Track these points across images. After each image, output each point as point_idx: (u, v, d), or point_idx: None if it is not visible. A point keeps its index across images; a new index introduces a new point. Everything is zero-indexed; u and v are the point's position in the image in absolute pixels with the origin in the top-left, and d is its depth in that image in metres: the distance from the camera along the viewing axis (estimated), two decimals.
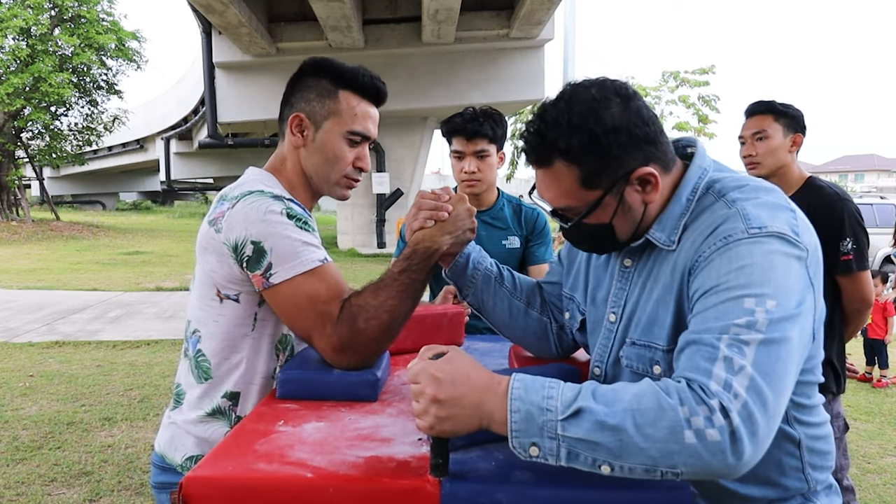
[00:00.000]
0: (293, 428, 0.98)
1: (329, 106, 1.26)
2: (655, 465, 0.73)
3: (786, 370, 0.78)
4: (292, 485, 0.81)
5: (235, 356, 1.19)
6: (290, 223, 1.13)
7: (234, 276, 1.15)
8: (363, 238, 15.50)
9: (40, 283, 9.46)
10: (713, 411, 0.72)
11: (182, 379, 1.25)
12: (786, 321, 0.79)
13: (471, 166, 1.98)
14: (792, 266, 0.84)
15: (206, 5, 9.92)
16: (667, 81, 21.27)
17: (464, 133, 1.97)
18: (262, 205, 1.13)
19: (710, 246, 0.88)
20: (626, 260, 1.02)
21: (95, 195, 40.27)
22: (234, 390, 1.19)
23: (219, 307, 1.18)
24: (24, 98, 17.71)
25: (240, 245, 1.11)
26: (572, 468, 0.78)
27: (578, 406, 0.74)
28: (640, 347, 0.96)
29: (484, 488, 0.80)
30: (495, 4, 12.23)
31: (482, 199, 2.11)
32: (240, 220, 1.12)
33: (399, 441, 0.94)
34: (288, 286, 1.11)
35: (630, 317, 0.99)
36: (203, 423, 1.20)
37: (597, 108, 0.90)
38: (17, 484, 2.98)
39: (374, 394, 1.12)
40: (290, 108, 1.29)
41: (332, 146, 1.26)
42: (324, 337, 1.11)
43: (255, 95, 13.53)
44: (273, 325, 1.21)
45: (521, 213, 2.15)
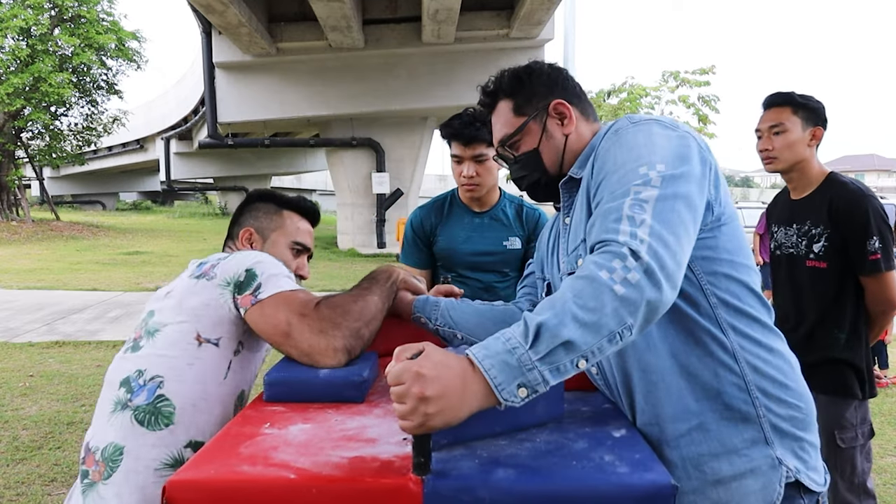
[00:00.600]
0: (279, 430, 0.99)
1: (275, 221, 1.50)
2: (613, 330, 0.83)
3: (682, 220, 0.92)
4: (275, 486, 0.82)
5: (203, 403, 1.20)
6: (280, 265, 1.28)
7: (220, 318, 1.23)
8: (363, 238, 15.51)
9: (40, 283, 9.47)
10: (625, 258, 0.86)
11: (115, 436, 1.16)
12: (676, 179, 0.95)
13: (469, 171, 1.99)
14: (672, 139, 1.01)
15: (206, 5, 9.94)
16: (667, 81, 21.25)
17: (462, 138, 1.98)
18: (259, 253, 1.31)
19: (603, 141, 1.07)
20: (566, 219, 1.19)
21: (95, 195, 40.28)
22: (197, 440, 1.18)
23: (195, 351, 1.21)
24: (24, 98, 17.72)
25: (235, 274, 1.23)
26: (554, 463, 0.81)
27: (534, 326, 0.82)
28: (572, 254, 1.11)
29: (466, 486, 0.82)
30: (495, 4, 12.23)
31: (483, 200, 2.12)
32: (238, 260, 1.26)
33: (384, 441, 0.95)
34: (273, 298, 1.21)
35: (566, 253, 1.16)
36: (159, 479, 1.13)
37: (530, 65, 1.23)
38: (17, 484, 2.99)
39: (361, 395, 1.13)
40: (240, 225, 1.50)
41: (279, 256, 1.42)
42: (303, 322, 1.18)
43: (255, 95, 13.54)
44: (240, 378, 1.28)
45: (523, 212, 2.15)
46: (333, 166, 15.57)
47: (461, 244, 2.10)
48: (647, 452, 0.91)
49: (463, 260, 2.10)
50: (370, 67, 13.11)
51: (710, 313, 1.02)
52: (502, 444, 0.93)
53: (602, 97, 22.48)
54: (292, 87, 13.58)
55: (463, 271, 2.11)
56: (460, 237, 2.11)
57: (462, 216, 2.14)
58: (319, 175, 46.38)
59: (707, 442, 1.01)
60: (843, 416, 2.05)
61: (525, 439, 0.95)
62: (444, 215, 2.17)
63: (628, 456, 0.89)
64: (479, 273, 2.10)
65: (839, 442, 2.07)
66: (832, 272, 2.01)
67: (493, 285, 2.10)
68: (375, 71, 13.16)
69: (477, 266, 2.10)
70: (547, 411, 1.01)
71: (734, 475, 1.00)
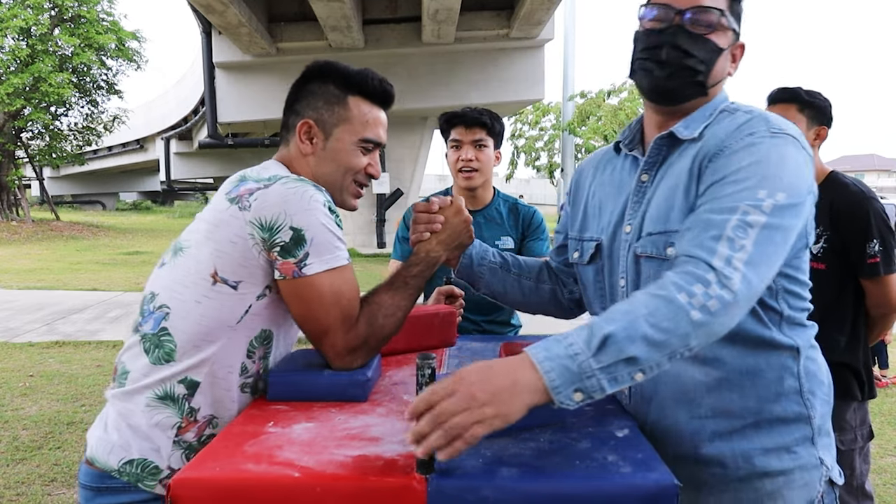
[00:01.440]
0: (282, 429, 0.99)
1: (339, 113, 1.23)
2: (675, 349, 0.83)
3: (777, 251, 0.90)
4: (280, 485, 0.82)
5: (207, 346, 1.10)
6: (331, 217, 1.11)
7: (246, 259, 1.08)
8: (363, 238, 15.50)
9: (40, 283, 9.47)
10: (709, 284, 0.84)
11: (127, 358, 1.14)
12: (788, 210, 0.92)
13: (468, 154, 1.97)
14: (801, 165, 0.97)
15: (206, 5, 9.93)
16: None
17: (463, 121, 1.97)
18: (306, 192, 1.09)
19: (734, 139, 0.99)
20: (643, 175, 1.10)
21: (95, 195, 40.29)
22: (194, 378, 1.10)
23: (207, 289, 1.09)
24: (24, 98, 17.73)
25: (276, 227, 1.05)
26: (557, 463, 0.81)
27: (601, 336, 0.82)
28: (655, 236, 1.04)
29: (470, 485, 0.82)
30: (495, 4, 12.22)
31: (478, 197, 2.08)
32: (278, 202, 1.06)
33: (387, 440, 0.95)
34: (318, 279, 1.08)
35: (643, 220, 1.07)
36: (149, 410, 1.09)
37: None
38: (17, 484, 2.99)
39: (365, 394, 1.13)
40: (297, 115, 1.25)
41: (345, 154, 1.23)
42: (342, 334, 1.11)
43: (255, 95, 13.53)
44: (261, 322, 1.13)
45: (518, 212, 2.13)
46: None
47: None
48: (650, 452, 0.91)
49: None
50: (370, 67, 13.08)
51: (781, 320, 1.04)
52: (506, 444, 0.93)
53: (602, 97, 22.47)
54: None
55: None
56: None
57: None
58: None
59: (760, 438, 1.03)
60: (843, 418, 2.05)
61: (529, 439, 0.95)
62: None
63: (632, 456, 0.89)
64: None
65: (838, 444, 2.07)
66: (831, 274, 2.00)
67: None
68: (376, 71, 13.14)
69: None
70: (550, 411, 1.01)
71: (782, 470, 1.03)
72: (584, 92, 23.21)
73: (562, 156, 23.00)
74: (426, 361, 0.86)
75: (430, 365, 0.85)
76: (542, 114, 26.86)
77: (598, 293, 1.19)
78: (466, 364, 0.85)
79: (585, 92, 23.21)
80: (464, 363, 1.39)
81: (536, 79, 13.51)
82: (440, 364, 1.39)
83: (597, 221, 1.19)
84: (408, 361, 1.40)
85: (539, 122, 27.38)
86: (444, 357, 1.45)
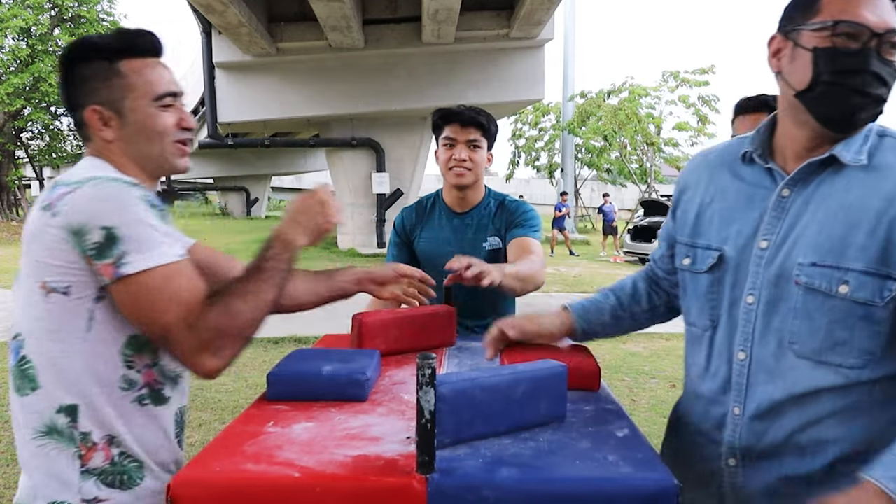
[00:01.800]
0: (282, 429, 0.99)
1: (118, 84, 1.11)
2: None
3: None
4: (280, 485, 0.82)
5: (66, 360, 1.02)
6: (150, 211, 1.02)
7: (67, 262, 1.00)
8: (363, 238, 15.50)
9: None
10: None
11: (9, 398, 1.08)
12: None
13: (462, 154, 1.90)
14: None
15: (206, 5, 9.93)
16: (667, 81, 21.26)
17: (459, 119, 1.91)
18: (117, 188, 1.01)
19: None
20: (784, 191, 1.03)
21: None
22: (67, 403, 1.02)
23: (44, 302, 1.01)
24: (24, 98, 17.73)
25: (85, 230, 0.97)
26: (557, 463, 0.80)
27: None
28: (825, 268, 0.96)
29: (470, 484, 0.82)
30: (495, 4, 12.23)
31: (468, 198, 2.00)
32: (86, 202, 0.98)
33: (388, 440, 0.95)
34: (143, 278, 0.97)
35: (784, 240, 1.01)
36: (41, 449, 1.02)
37: None
38: (17, 484, 2.99)
39: (364, 393, 1.13)
40: (80, 107, 1.12)
41: (149, 121, 1.12)
42: (185, 333, 0.98)
43: (255, 95, 13.53)
44: (118, 327, 1.04)
45: (505, 206, 2.03)
46: (333, 166, 15.57)
47: (439, 247, 1.98)
48: (650, 452, 0.91)
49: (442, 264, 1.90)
50: (370, 67, 13.10)
51: None
52: (506, 444, 0.93)
53: (602, 97, 22.49)
54: (292, 87, 13.57)
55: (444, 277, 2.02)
56: (440, 239, 2.00)
57: (442, 218, 2.03)
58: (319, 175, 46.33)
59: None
60: None
61: (529, 439, 0.95)
62: (425, 216, 2.06)
63: (632, 456, 0.89)
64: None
65: None
66: None
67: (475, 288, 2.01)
68: (375, 71, 13.16)
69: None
70: (550, 411, 1.01)
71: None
72: (584, 92, 23.24)
73: (562, 156, 23.04)
74: (426, 361, 0.86)
75: (430, 365, 0.85)
76: (541, 114, 26.89)
77: (707, 303, 1.11)
78: (466, 364, 0.85)
79: (585, 92, 23.24)
80: (464, 363, 1.39)
81: (536, 79, 13.51)
82: (440, 364, 1.39)
83: (717, 230, 1.11)
84: (408, 361, 1.40)
85: (539, 123, 27.39)
86: (443, 357, 1.45)
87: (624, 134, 20.87)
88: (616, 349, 5.87)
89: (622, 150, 22.60)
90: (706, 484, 1.10)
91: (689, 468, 1.11)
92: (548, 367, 1.03)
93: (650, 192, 21.34)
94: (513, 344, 1.29)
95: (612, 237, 16.99)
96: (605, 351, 5.76)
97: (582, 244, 19.28)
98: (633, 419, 1.06)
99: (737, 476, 1.05)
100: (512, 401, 0.96)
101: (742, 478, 1.05)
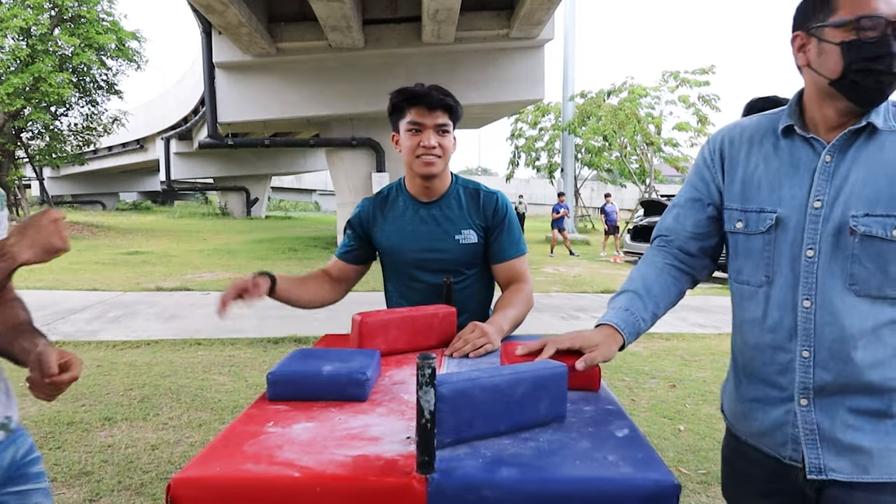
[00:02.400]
0: (282, 429, 0.99)
1: None
2: None
3: None
4: (280, 485, 0.82)
5: None
6: None
7: None
8: None
9: (40, 283, 9.47)
10: None
11: None
12: None
13: (431, 140, 1.72)
14: None
15: (206, 5, 9.94)
16: (667, 81, 21.27)
17: (426, 102, 1.72)
18: None
19: None
20: (826, 157, 1.16)
21: (95, 195, 40.31)
22: None
23: None
24: (24, 98, 17.71)
25: None
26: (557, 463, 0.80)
27: None
28: (878, 217, 1.10)
29: (470, 484, 0.82)
30: (495, 4, 12.23)
31: (433, 188, 1.82)
32: None
33: (388, 440, 0.95)
34: None
35: (836, 198, 1.14)
36: None
37: None
38: None
39: (364, 393, 1.13)
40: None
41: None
42: None
43: (255, 95, 13.54)
44: None
45: (479, 198, 1.85)
46: (333, 166, 15.57)
47: (405, 241, 1.83)
48: (650, 452, 0.91)
49: (410, 259, 1.84)
50: (370, 67, 13.11)
51: None
52: (506, 444, 0.93)
53: (602, 97, 22.49)
54: (292, 87, 13.58)
55: (413, 271, 1.84)
56: (404, 232, 1.83)
57: (405, 209, 1.85)
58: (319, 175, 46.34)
59: None
60: None
61: (529, 439, 0.95)
62: (388, 208, 1.88)
63: (632, 455, 0.89)
64: (426, 273, 1.82)
65: None
66: None
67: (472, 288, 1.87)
68: (375, 71, 13.16)
69: (426, 266, 1.82)
70: (550, 411, 1.01)
71: None
72: (584, 92, 23.23)
73: (562, 156, 23.03)
74: (426, 361, 0.86)
75: (430, 365, 0.85)
76: (541, 114, 26.88)
77: (762, 260, 1.22)
78: (466, 364, 0.85)
79: (585, 92, 23.24)
80: (464, 363, 1.39)
81: (536, 79, 13.51)
82: (440, 364, 1.39)
83: (766, 195, 1.23)
84: (408, 361, 1.40)
85: (539, 123, 27.39)
86: (443, 357, 1.45)
87: (624, 134, 20.87)
88: None
89: (622, 150, 22.60)
90: (778, 427, 1.19)
91: (756, 419, 1.23)
92: (548, 367, 1.04)
93: (650, 192, 21.34)
94: (513, 343, 1.30)
95: (612, 237, 17.04)
96: None
97: (582, 244, 19.29)
98: (633, 419, 1.07)
99: (809, 415, 1.14)
100: (512, 401, 0.96)
101: (814, 416, 1.14)
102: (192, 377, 4.73)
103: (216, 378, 4.71)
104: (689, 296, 1.48)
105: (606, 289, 9.72)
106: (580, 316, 7.57)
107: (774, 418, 1.19)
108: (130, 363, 5.19)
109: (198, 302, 7.94)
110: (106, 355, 5.44)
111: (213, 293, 8.65)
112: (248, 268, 11.72)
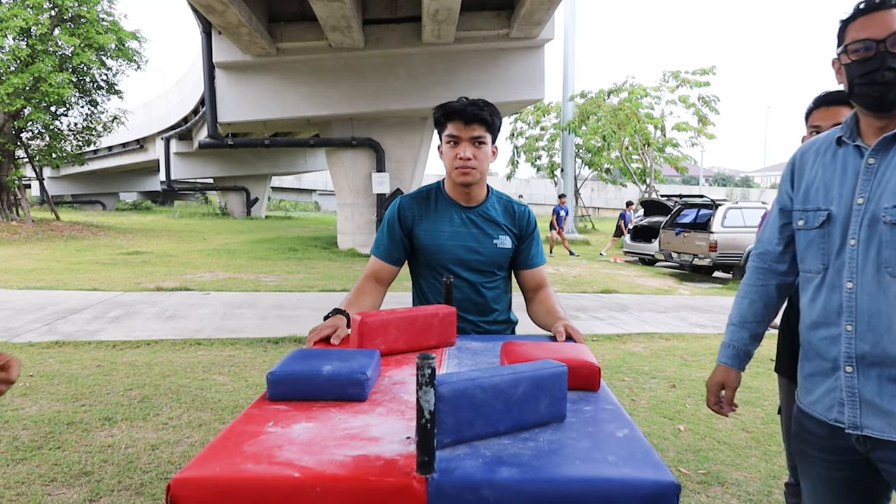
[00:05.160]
0: (282, 429, 0.99)
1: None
2: None
3: None
4: (280, 485, 0.82)
5: None
6: None
7: None
8: (363, 238, 15.50)
9: (40, 283, 9.47)
10: None
11: None
12: None
13: (467, 152, 1.87)
14: None
15: (206, 5, 9.94)
16: (667, 81, 21.27)
17: (462, 117, 1.86)
18: None
19: None
20: (869, 160, 1.35)
21: (95, 195, 40.32)
22: None
23: None
24: (24, 98, 17.71)
25: None
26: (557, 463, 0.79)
27: None
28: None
29: (470, 484, 0.82)
30: (495, 4, 12.24)
31: (472, 194, 1.98)
32: None
33: (387, 440, 0.95)
34: None
35: (875, 194, 1.32)
36: None
37: None
38: (17, 484, 2.99)
39: (364, 393, 1.13)
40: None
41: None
42: None
43: (255, 95, 13.54)
44: None
45: (513, 209, 2.06)
46: (333, 166, 15.57)
47: (447, 239, 1.97)
48: (649, 452, 0.91)
49: (451, 256, 1.98)
50: (370, 67, 13.11)
51: None
52: (506, 444, 0.93)
53: (602, 97, 22.48)
54: (292, 87, 13.58)
55: (453, 267, 1.98)
56: (446, 232, 1.98)
57: (448, 209, 2.00)
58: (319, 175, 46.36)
59: None
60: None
61: (528, 439, 0.95)
62: (430, 208, 2.02)
63: (632, 456, 0.89)
64: (466, 271, 1.98)
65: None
66: None
67: (481, 286, 2.00)
68: (375, 71, 13.17)
69: (464, 263, 1.97)
70: (550, 411, 1.01)
71: None
72: (584, 92, 23.23)
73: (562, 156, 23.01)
74: (426, 361, 0.86)
75: (430, 365, 0.85)
76: (542, 113, 26.88)
77: (819, 251, 1.42)
78: (466, 364, 0.85)
79: (585, 92, 23.23)
80: (464, 363, 1.39)
81: (536, 79, 13.51)
82: (440, 364, 1.39)
83: (822, 195, 1.43)
84: (408, 361, 1.40)
85: (539, 122, 27.38)
86: (443, 357, 1.45)
87: (624, 133, 20.87)
88: (616, 349, 5.87)
89: (622, 150, 22.60)
90: (828, 394, 1.39)
91: (812, 391, 1.44)
92: (548, 367, 1.04)
93: (650, 192, 21.33)
94: (513, 342, 1.30)
95: (615, 238, 17.22)
96: (605, 351, 5.77)
97: (582, 244, 19.29)
98: (633, 419, 1.06)
99: (853, 381, 1.33)
100: (512, 401, 0.96)
101: (858, 382, 1.32)
102: (192, 377, 4.73)
103: (216, 378, 4.71)
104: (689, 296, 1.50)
105: (606, 289, 9.72)
106: (580, 316, 7.56)
107: (827, 387, 1.39)
108: (130, 363, 5.19)
109: (198, 302, 7.94)
110: (106, 355, 5.44)
111: (213, 293, 8.65)
112: (248, 268, 11.71)
